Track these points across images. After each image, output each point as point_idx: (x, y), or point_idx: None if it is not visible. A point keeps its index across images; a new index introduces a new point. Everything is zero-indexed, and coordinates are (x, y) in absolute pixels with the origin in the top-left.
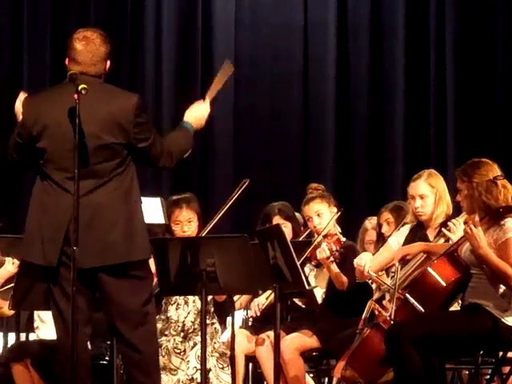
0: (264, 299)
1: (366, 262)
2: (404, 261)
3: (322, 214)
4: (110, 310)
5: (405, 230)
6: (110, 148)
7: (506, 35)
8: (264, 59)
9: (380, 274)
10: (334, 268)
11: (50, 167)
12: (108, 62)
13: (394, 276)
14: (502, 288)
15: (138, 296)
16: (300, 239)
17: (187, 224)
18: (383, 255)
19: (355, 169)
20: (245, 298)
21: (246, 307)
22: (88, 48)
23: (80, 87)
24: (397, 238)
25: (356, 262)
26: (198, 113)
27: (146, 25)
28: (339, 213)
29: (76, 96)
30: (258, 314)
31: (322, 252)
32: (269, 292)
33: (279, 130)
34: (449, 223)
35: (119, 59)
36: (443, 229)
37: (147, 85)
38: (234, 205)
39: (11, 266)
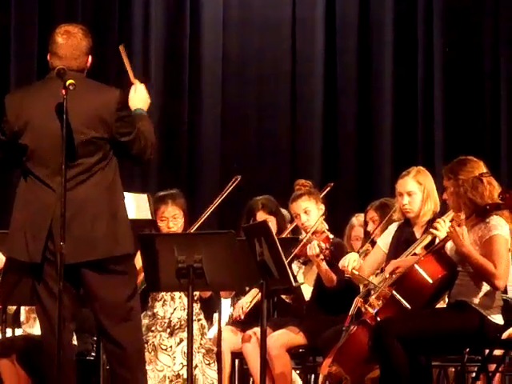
0: (249, 300)
1: (349, 261)
2: (395, 273)
3: (310, 212)
4: (93, 305)
5: (392, 229)
6: (92, 142)
7: (494, 29)
8: (252, 57)
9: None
10: (324, 265)
11: (32, 163)
12: (90, 57)
13: (379, 273)
14: (488, 286)
15: (122, 291)
16: (285, 235)
17: (173, 220)
18: (373, 258)
19: (343, 166)
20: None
21: (233, 300)
22: (69, 42)
23: (68, 82)
24: (385, 239)
25: (340, 263)
26: (140, 96)
27: (134, 23)
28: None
29: (64, 91)
30: (242, 317)
31: (313, 249)
32: (254, 292)
33: (267, 127)
34: (435, 222)
35: (107, 59)
36: (430, 229)
37: None
38: (222, 201)
39: None
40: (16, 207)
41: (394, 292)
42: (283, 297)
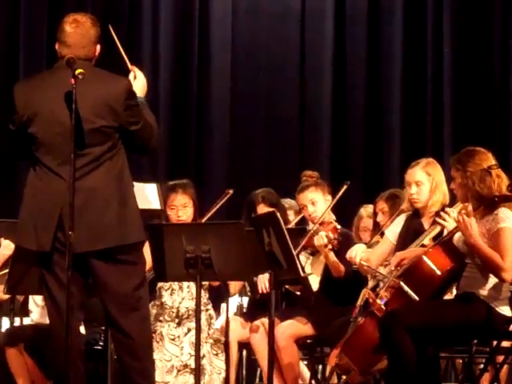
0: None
1: (356, 252)
2: (400, 265)
3: (317, 203)
4: (102, 295)
5: (400, 220)
6: (101, 131)
7: (504, 21)
8: (261, 47)
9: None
10: (332, 256)
11: (41, 152)
12: (98, 46)
13: (387, 265)
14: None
15: (130, 280)
16: (291, 225)
17: (182, 209)
18: (382, 249)
19: (352, 157)
20: (239, 284)
21: (241, 293)
22: (78, 30)
23: (77, 72)
24: (393, 229)
25: (348, 254)
26: (141, 83)
27: (144, 13)
28: (345, 186)
29: (73, 80)
30: (266, 291)
31: (320, 239)
32: None
33: (276, 118)
34: (441, 212)
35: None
36: (436, 218)
37: (144, 72)
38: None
39: (7, 249)
40: (25, 196)
41: (402, 283)
42: (290, 288)
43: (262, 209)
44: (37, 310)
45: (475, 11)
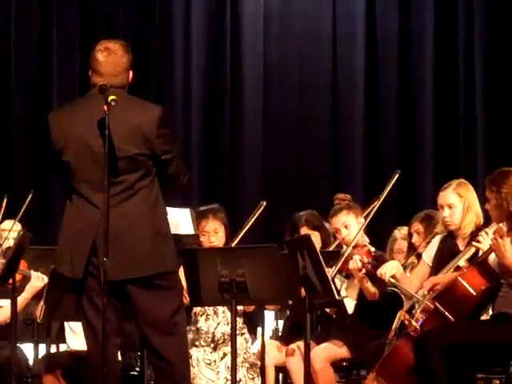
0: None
1: (387, 269)
2: (434, 290)
3: (350, 226)
4: (139, 320)
5: (435, 242)
6: (134, 159)
7: None
8: (292, 69)
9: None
10: (366, 280)
11: (75, 180)
12: (131, 73)
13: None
14: None
15: (167, 306)
16: (330, 249)
17: (214, 234)
18: (420, 272)
19: (385, 177)
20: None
21: (276, 313)
22: (110, 59)
23: (110, 98)
24: (429, 252)
25: (379, 270)
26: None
27: (175, 37)
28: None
29: (106, 107)
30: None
31: (354, 263)
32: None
33: (308, 140)
34: (478, 234)
35: (148, 71)
36: (473, 242)
37: (176, 96)
38: (263, 214)
39: (38, 281)
40: (63, 223)
41: (438, 304)
42: (327, 310)
43: (305, 231)
44: (73, 336)
45: (508, 27)
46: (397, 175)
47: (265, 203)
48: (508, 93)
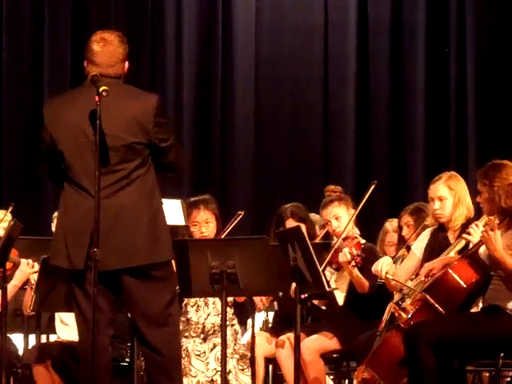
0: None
1: (382, 266)
2: (430, 276)
3: (340, 218)
4: (132, 311)
5: (426, 234)
6: (131, 148)
7: None
8: (284, 60)
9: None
10: (355, 272)
11: (70, 170)
12: (126, 63)
13: (413, 278)
14: None
15: (161, 297)
16: (317, 240)
17: (205, 225)
18: (409, 264)
19: (376, 171)
20: (266, 299)
21: (266, 308)
22: (106, 49)
23: (101, 89)
24: (419, 244)
25: (373, 267)
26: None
27: (167, 29)
28: (373, 186)
29: (97, 98)
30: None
31: (344, 256)
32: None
33: (299, 132)
34: (469, 227)
35: (140, 62)
36: (463, 234)
37: (168, 87)
38: (254, 206)
39: (26, 267)
40: (58, 215)
41: (428, 296)
42: (316, 302)
43: (291, 223)
44: (63, 327)
45: (500, 20)
46: (373, 186)
47: (242, 213)
48: (499, 85)
